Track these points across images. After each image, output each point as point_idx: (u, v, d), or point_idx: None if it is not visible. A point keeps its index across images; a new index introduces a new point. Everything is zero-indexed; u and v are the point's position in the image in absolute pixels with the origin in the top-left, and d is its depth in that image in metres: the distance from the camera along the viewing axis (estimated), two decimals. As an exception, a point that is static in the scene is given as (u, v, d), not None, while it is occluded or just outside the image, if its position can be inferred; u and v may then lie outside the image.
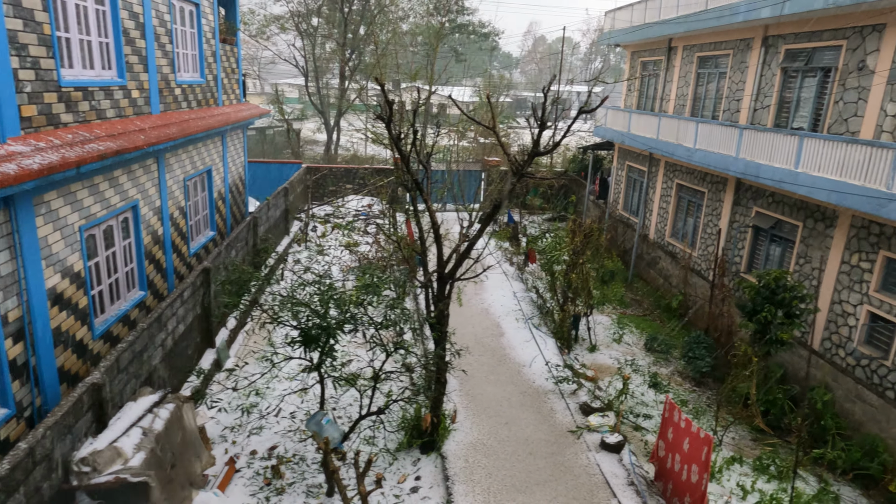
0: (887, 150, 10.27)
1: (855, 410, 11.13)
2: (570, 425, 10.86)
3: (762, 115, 15.05)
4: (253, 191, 23.43)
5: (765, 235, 14.81)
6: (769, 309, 10.94)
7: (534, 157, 8.45)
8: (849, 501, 9.76)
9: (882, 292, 11.22)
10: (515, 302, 16.65)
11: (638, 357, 14.43)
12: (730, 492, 9.71)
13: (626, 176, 23.26)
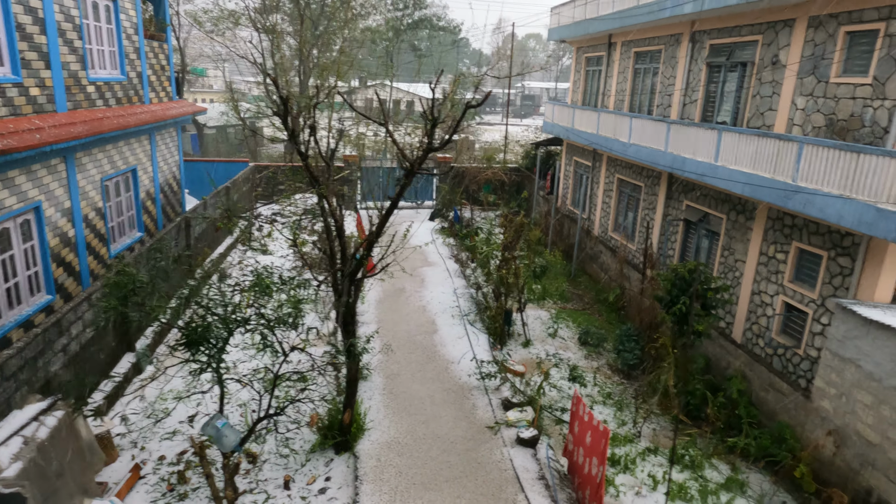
0: (792, 143, 10.47)
1: (768, 399, 11.35)
2: (489, 421, 10.87)
3: (691, 110, 15.25)
4: (197, 191, 23.01)
5: (695, 229, 15.03)
6: (684, 300, 11.08)
7: (428, 153, 8.39)
8: (757, 487, 9.94)
9: (795, 282, 11.45)
10: (455, 299, 16.63)
11: (571, 351, 14.53)
12: (641, 482, 9.81)
13: (574, 171, 23.42)
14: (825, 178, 9.75)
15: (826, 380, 9.86)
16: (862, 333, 9.13)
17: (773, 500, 9.75)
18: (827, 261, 10.63)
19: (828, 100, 10.78)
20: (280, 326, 7.91)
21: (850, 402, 9.35)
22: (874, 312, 9.05)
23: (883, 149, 8.69)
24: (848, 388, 9.40)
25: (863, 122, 10.03)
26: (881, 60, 9.67)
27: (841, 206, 9.35)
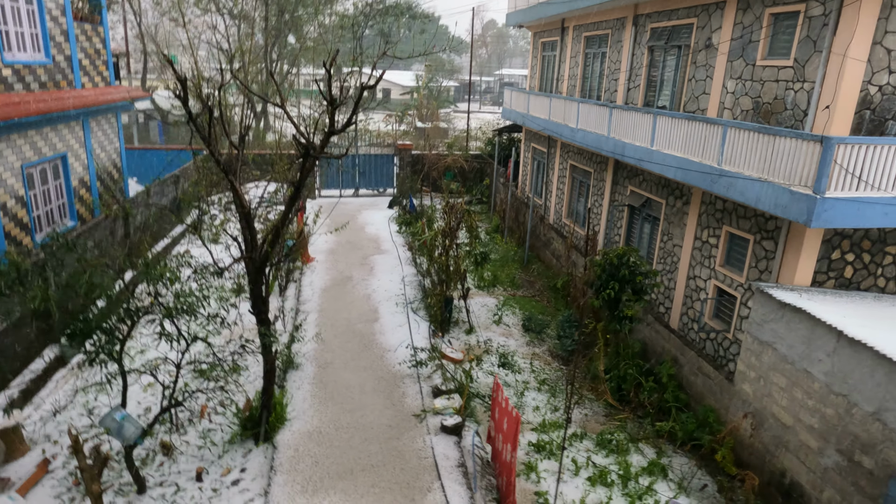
0: (717, 126, 10.41)
1: (697, 383, 11.39)
2: (417, 409, 10.76)
3: (635, 95, 15.16)
4: (146, 179, 22.51)
5: (638, 214, 15.00)
6: (613, 285, 11.03)
7: (329, 136, 8.18)
8: (681, 471, 9.97)
9: (726, 267, 11.45)
10: (402, 286, 16.47)
11: (514, 338, 14.47)
12: (564, 468, 9.78)
13: (532, 158, 23.30)
14: (746, 161, 9.71)
15: (747, 363, 9.88)
16: (777, 317, 9.14)
17: (694, 483, 9.79)
18: (753, 245, 10.63)
19: (754, 83, 10.72)
20: (180, 315, 7.69)
21: (768, 384, 9.38)
22: (789, 296, 9.06)
23: (796, 131, 8.64)
24: (765, 371, 9.43)
25: (785, 104, 9.99)
26: (801, 42, 9.61)
27: (759, 189, 9.32)
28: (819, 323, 8.25)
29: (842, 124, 8.95)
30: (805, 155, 8.47)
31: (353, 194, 26.98)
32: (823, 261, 9.75)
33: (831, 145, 8.05)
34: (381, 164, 26.76)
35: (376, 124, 59.98)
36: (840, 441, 7.98)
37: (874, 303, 9.42)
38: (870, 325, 8.17)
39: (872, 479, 7.49)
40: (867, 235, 9.76)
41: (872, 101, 9.03)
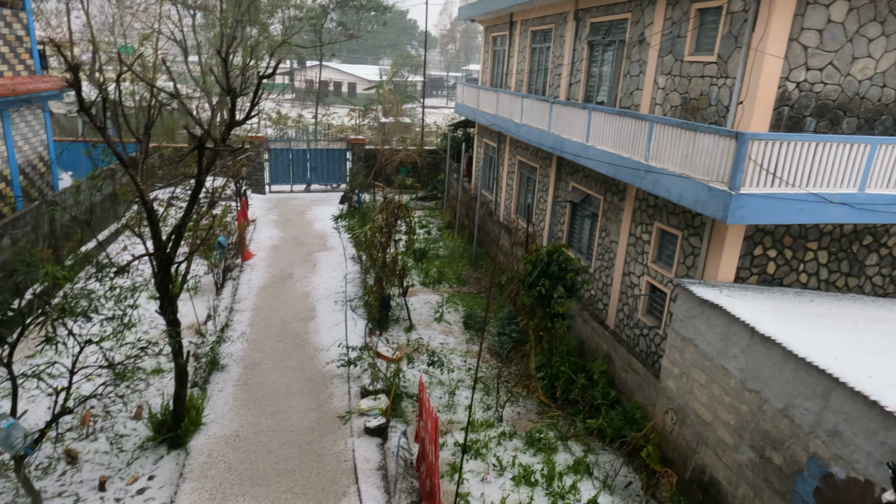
0: (644, 122, 10.35)
1: (627, 380, 11.37)
2: (343, 411, 10.48)
3: (576, 90, 15.07)
4: (85, 173, 21.61)
5: (579, 210, 14.95)
6: (543, 283, 10.91)
7: (231, 128, 7.82)
8: (610, 468, 9.91)
9: (658, 263, 11.44)
10: (343, 284, 16.13)
11: (455, 335, 14.29)
12: (489, 468, 9.63)
13: (484, 153, 23.14)
14: (670, 157, 9.67)
15: (671, 359, 9.87)
16: (698, 313, 9.12)
17: (620, 481, 9.74)
18: (681, 241, 10.62)
19: (683, 78, 10.70)
20: (71, 317, 7.25)
21: (689, 381, 9.37)
22: (708, 292, 9.05)
23: (714, 127, 8.61)
24: (687, 368, 9.42)
25: (710, 100, 9.97)
26: (724, 38, 9.59)
27: (682, 185, 9.28)
28: (734, 320, 8.24)
29: (760, 121, 8.95)
30: (722, 151, 8.44)
31: (304, 189, 26.44)
32: (746, 257, 9.78)
33: (745, 141, 8.03)
34: (333, 158, 26.27)
35: (340, 118, 59.28)
36: (753, 437, 7.99)
37: (794, 299, 9.48)
38: (784, 322, 8.19)
39: (781, 475, 7.50)
40: (788, 232, 9.82)
41: (791, 97, 9.05)
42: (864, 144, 8.46)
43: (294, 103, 72.68)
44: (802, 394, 7.17)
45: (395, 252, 13.89)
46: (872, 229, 10.24)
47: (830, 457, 6.78)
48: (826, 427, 6.85)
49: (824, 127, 9.33)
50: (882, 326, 8.77)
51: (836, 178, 8.61)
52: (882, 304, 10.13)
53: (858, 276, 10.50)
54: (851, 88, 9.24)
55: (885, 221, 8.95)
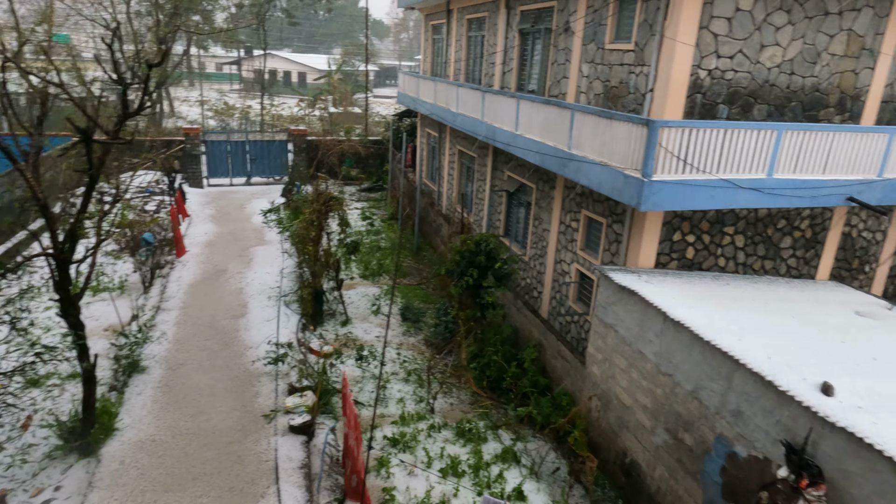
0: (566, 110, 10.38)
1: (557, 367, 11.48)
2: (268, 409, 10.23)
3: (509, 79, 15.04)
4: (3, 168, 20.42)
5: (514, 199, 14.97)
6: (472, 272, 10.86)
7: (124, 121, 7.43)
8: (534, 456, 9.98)
9: (586, 250, 11.54)
10: (280, 279, 15.76)
11: (392, 328, 14.14)
12: (417, 461, 9.57)
13: (427, 143, 22.96)
14: (590, 145, 9.72)
15: (595, 346, 9.99)
16: (617, 300, 9.24)
17: (548, 467, 9.82)
18: (606, 228, 10.73)
19: (604, 66, 10.76)
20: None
21: (611, 366, 9.50)
22: (627, 278, 9.16)
23: (627, 115, 8.68)
24: (609, 353, 9.55)
25: (628, 88, 10.06)
26: (640, 26, 9.66)
27: (601, 172, 9.34)
28: (649, 305, 8.36)
29: (674, 108, 9.07)
30: (635, 139, 8.52)
31: (245, 182, 25.73)
32: (666, 243, 9.95)
33: (655, 129, 8.11)
34: (274, 150, 25.60)
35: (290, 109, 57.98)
36: (667, 420, 8.15)
37: (711, 282, 9.71)
38: (696, 306, 8.36)
39: (693, 456, 7.68)
40: (705, 217, 10.03)
41: (703, 85, 9.20)
42: (770, 131, 8.68)
43: (242, 94, 70.75)
44: (709, 376, 7.33)
45: (327, 245, 13.62)
46: (786, 213, 10.57)
47: (734, 436, 6.96)
48: (730, 408, 7.02)
49: (737, 114, 9.54)
50: (791, 307, 9.06)
51: (746, 164, 8.81)
52: (795, 285, 10.49)
53: (774, 258, 10.84)
54: (761, 76, 9.46)
55: (792, 205, 9.23)
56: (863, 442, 5.39)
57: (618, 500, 9.24)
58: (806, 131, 8.85)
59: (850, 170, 9.44)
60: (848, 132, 9.11)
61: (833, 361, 7.07)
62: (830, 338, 7.90)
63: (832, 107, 10.09)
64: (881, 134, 9.32)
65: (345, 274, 17.06)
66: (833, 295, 10.28)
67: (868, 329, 8.53)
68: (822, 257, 11.18)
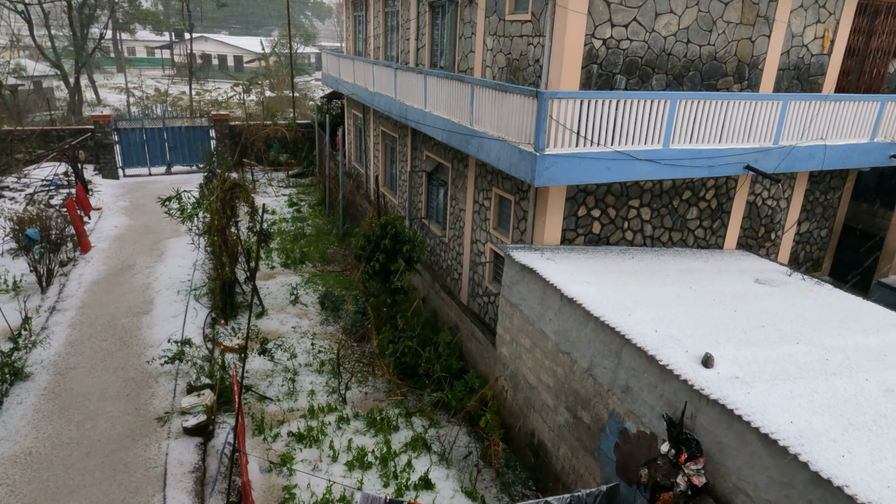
0: (466, 84, 10.01)
1: (472, 349, 11.26)
2: (164, 411, 9.63)
3: (423, 55, 14.56)
4: None
5: (433, 179, 14.60)
6: (378, 257, 10.46)
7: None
8: (446, 442, 9.75)
9: (498, 229, 11.29)
10: (192, 272, 14.97)
11: (310, 317, 13.64)
12: (322, 455, 9.19)
13: (354, 125, 22.29)
14: (490, 120, 9.40)
15: (503, 326, 9.78)
16: (520, 279, 9.02)
17: (461, 452, 9.61)
18: (514, 206, 10.48)
19: (506, 38, 10.42)
20: None
21: (518, 347, 9.31)
22: (528, 257, 8.94)
23: (519, 87, 8.37)
24: (516, 333, 9.35)
25: (528, 60, 9.76)
26: (536, -5, 9.34)
27: (499, 148, 9.04)
28: (548, 284, 8.16)
29: (570, 79, 8.82)
30: (527, 112, 8.23)
31: (165, 172, 24.46)
32: (571, 218, 9.77)
33: (545, 100, 7.83)
34: (194, 137, 24.37)
35: (224, 94, 55.83)
36: (567, 398, 8.02)
37: (616, 257, 9.60)
38: (594, 281, 8.21)
39: (590, 434, 7.56)
40: (610, 191, 9.90)
41: (598, 55, 8.98)
42: (664, 100, 8.53)
43: (174, 80, 67.68)
44: (601, 352, 7.19)
45: (236, 235, 12.95)
46: (691, 184, 10.56)
47: (625, 412, 6.85)
48: (620, 384, 6.90)
49: (635, 84, 9.38)
50: (691, 278, 9.04)
51: (642, 135, 8.65)
52: (701, 255, 10.53)
53: (681, 230, 10.85)
54: (658, 45, 9.30)
55: (689, 176, 9.16)
56: (734, 414, 5.30)
57: (528, 480, 9.12)
58: (700, 100, 8.75)
59: (746, 138, 9.43)
60: (742, 100, 9.06)
61: (721, 331, 7.02)
62: (724, 307, 7.88)
63: (730, 75, 10.06)
64: (775, 101, 9.33)
65: (265, 263, 16.42)
66: (737, 263, 10.36)
67: (764, 297, 8.58)
68: (729, 227, 11.27)
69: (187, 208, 11.89)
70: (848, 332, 7.52)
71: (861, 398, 5.83)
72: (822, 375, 6.18)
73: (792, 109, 9.53)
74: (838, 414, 5.46)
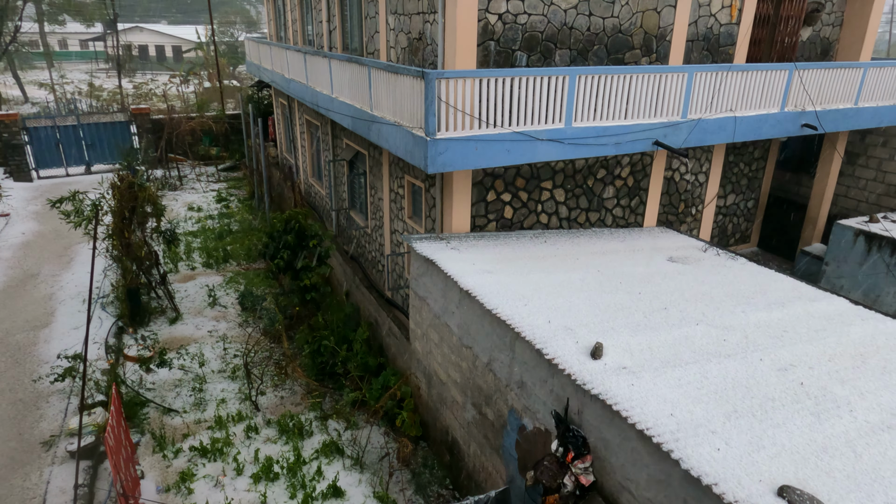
0: (364, 66, 9.44)
1: (391, 345, 10.82)
2: (51, 434, 8.91)
3: (336, 38, 13.86)
4: None
5: (354, 168, 14.00)
6: (283, 254, 9.87)
7: None
8: (374, 441, 9.32)
9: (413, 218, 10.82)
10: (102, 279, 14.06)
11: (229, 319, 12.96)
12: (223, 470, 8.65)
13: (282, 114, 21.40)
14: (387, 104, 8.87)
15: (415, 320, 9.36)
16: (425, 270, 8.59)
17: (377, 454, 9.20)
18: (424, 193, 10.02)
19: (405, 17, 9.86)
20: None
21: (428, 341, 8.91)
22: (433, 247, 8.51)
23: (407, 68, 7.85)
24: (426, 328, 8.94)
25: (426, 40, 9.24)
26: (428, -31, 8.80)
27: (396, 134, 8.53)
28: (448, 276, 7.73)
29: (466, 57, 8.33)
30: (416, 94, 7.73)
31: (84, 172, 23.10)
32: (480, 204, 9.37)
33: (431, 80, 7.33)
34: (114, 133, 23.04)
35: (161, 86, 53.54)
36: (473, 394, 7.66)
37: (528, 242, 9.25)
38: (498, 270, 7.83)
39: (494, 431, 7.22)
40: (520, 173, 9.52)
41: (495, 31, 8.51)
42: (562, 76, 8.13)
43: (110, 73, 64.67)
44: (498, 346, 6.83)
45: (139, 238, 12.13)
46: (605, 162, 10.26)
47: (522, 409, 6.51)
48: (516, 379, 6.55)
49: (537, 61, 8.97)
50: (602, 260, 8.76)
51: (542, 115, 8.25)
52: (618, 235, 10.27)
53: (598, 210, 10.58)
54: (557, 18, 8.89)
55: (596, 155, 8.82)
56: (612, 409, 4.99)
57: (445, 479, 8.78)
58: (601, 75, 8.39)
59: (654, 113, 9.15)
60: (646, 73, 8.75)
61: (620, 317, 6.73)
62: (629, 290, 7.61)
63: (638, 48, 9.75)
64: (680, 73, 9.05)
65: (185, 264, 15.60)
66: (654, 242, 10.14)
67: (674, 276, 8.35)
68: (648, 204, 11.06)
69: (83, 211, 11.00)
70: (753, 308, 7.34)
71: (752, 380, 5.60)
72: (716, 358, 5.94)
73: (698, 81, 9.28)
74: (724, 400, 5.21)
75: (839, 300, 7.82)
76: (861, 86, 11.13)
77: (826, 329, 6.90)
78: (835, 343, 6.55)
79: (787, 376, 5.74)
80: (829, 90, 10.81)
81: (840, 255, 11.42)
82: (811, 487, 4.20)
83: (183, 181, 22.51)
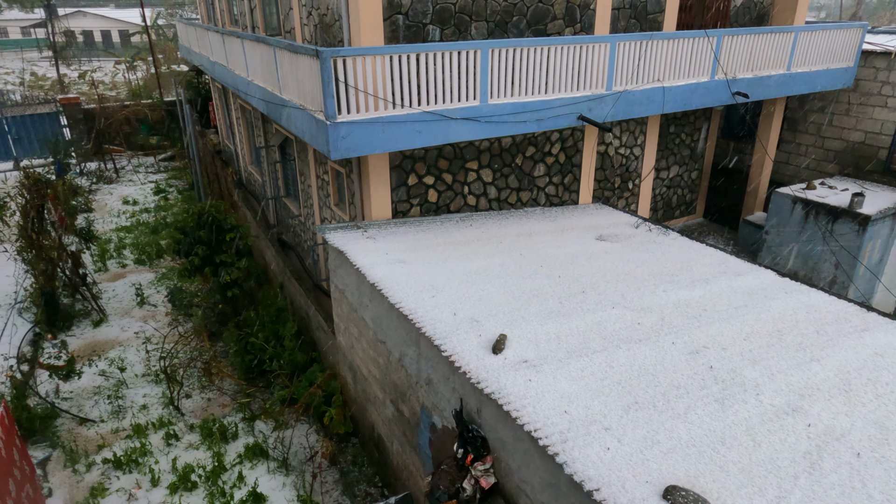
0: (269, 46, 8.84)
1: (320, 339, 10.40)
2: (-50, 454, 8.31)
3: (257, 17, 13.10)
4: None
5: (286, 155, 13.38)
6: (198, 250, 9.32)
7: None
8: (291, 444, 8.94)
9: (339, 206, 10.32)
10: (20, 283, 13.27)
11: (158, 318, 12.37)
12: (137, 482, 8.19)
13: (220, 100, 20.48)
14: (293, 86, 8.29)
15: (337, 313, 8.94)
16: (340, 262, 8.15)
17: (304, 454, 8.84)
18: (346, 180, 9.52)
19: (315, -8, 9.24)
20: None
21: (349, 336, 8.51)
22: (346, 236, 8.06)
23: (302, 46, 7.31)
24: (346, 321, 8.53)
25: (335, 16, 8.65)
26: (329, -62, 8.19)
27: (301, 118, 7.99)
28: (357, 268, 7.31)
29: (371, 33, 7.80)
30: (314, 74, 7.19)
31: (12, 168, 21.89)
32: (401, 189, 8.92)
33: (326, 60, 6.80)
34: (42, 125, 21.83)
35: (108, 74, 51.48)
36: (390, 391, 7.31)
37: (452, 226, 8.86)
38: (412, 259, 7.43)
39: (410, 428, 6.90)
40: (442, 154, 9.08)
41: (402, 4, 7.98)
42: (473, 50, 7.66)
43: (52, 62, 61.83)
44: (406, 341, 6.46)
45: (53, 238, 11.40)
46: (533, 139, 9.88)
47: (431, 406, 6.18)
48: (424, 376, 6.21)
49: (451, 34, 8.47)
50: (527, 242, 8.42)
51: (455, 92, 7.79)
52: (549, 214, 9.95)
53: (530, 189, 10.22)
54: (471, -11, 8.39)
55: (516, 132, 8.41)
56: (503, 410, 4.67)
57: (374, 477, 8.47)
58: (515, 48, 7.94)
59: (577, 86, 8.75)
60: (565, 45, 8.32)
61: (533, 304, 6.40)
62: (549, 274, 7.29)
63: (560, 18, 9.31)
64: (602, 44, 8.66)
65: (116, 262, 14.87)
66: (587, 220, 9.84)
67: (599, 256, 8.06)
68: (582, 180, 10.74)
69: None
70: (675, 286, 7.09)
71: (660, 367, 5.34)
72: (626, 344, 5.66)
73: (622, 51, 8.90)
74: (627, 391, 4.93)
75: (766, 273, 7.63)
76: (793, 51, 10.90)
77: (747, 305, 6.69)
78: (753, 320, 6.33)
79: (698, 360, 5.50)
80: (760, 56, 10.55)
81: (779, 224, 11.30)
82: (701, 485, 3.95)
83: (119, 173, 21.52)
